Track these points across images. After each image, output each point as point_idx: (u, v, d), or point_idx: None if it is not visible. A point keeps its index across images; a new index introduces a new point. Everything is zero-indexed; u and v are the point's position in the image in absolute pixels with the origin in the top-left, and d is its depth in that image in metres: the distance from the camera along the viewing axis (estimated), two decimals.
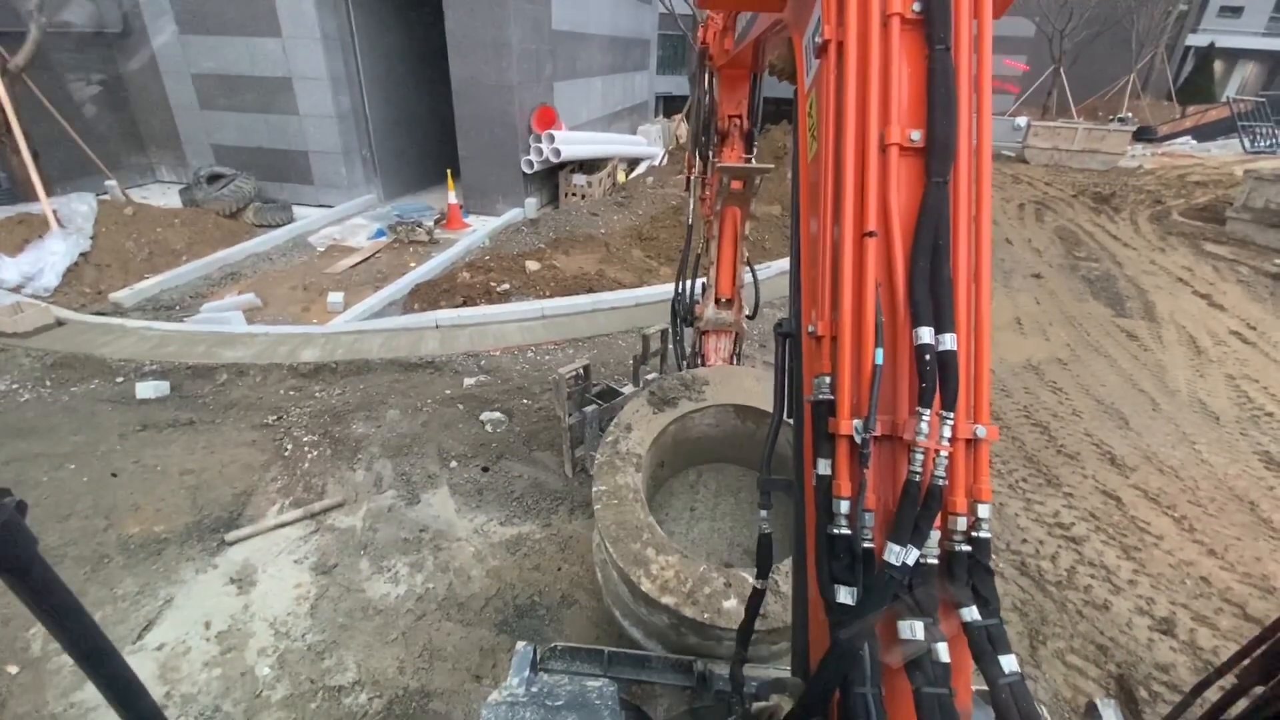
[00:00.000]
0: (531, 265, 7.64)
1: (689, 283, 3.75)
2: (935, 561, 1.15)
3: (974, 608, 1.14)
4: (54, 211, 7.09)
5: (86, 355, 5.47)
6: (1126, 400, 5.38)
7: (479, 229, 9.47)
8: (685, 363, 3.94)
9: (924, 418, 1.10)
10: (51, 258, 6.74)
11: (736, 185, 3.13)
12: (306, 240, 8.85)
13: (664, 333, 4.31)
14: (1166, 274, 8.47)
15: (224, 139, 10.09)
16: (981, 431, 1.17)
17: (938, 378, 1.12)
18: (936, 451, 1.11)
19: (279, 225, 9.05)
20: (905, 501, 1.13)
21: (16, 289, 6.49)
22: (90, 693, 2.70)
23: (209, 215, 8.63)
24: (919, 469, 1.11)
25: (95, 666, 0.91)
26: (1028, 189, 13.35)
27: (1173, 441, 4.82)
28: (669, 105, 21.24)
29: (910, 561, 1.11)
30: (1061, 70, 22.05)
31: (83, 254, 7.07)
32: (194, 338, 5.88)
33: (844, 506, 1.18)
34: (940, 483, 1.12)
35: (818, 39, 1.26)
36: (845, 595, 1.15)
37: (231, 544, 3.51)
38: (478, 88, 9.43)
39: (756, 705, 1.69)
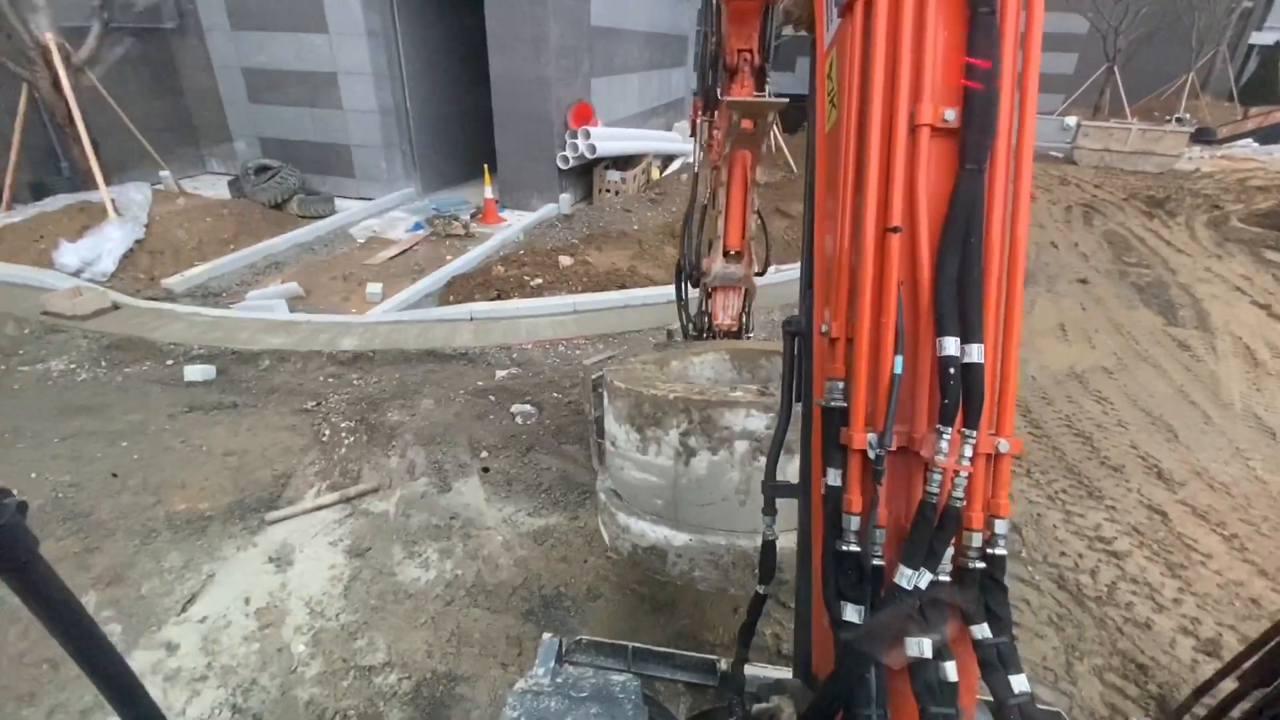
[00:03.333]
0: (565, 260, 7.70)
1: (695, 239, 3.52)
2: (947, 579, 1.10)
3: (985, 625, 1.09)
4: (112, 200, 7.42)
5: (140, 338, 5.71)
6: (1176, 412, 5.17)
7: (514, 224, 9.57)
8: (691, 325, 3.80)
9: (944, 436, 1.03)
10: (109, 244, 7.04)
11: (747, 125, 2.86)
12: (347, 232, 9.06)
13: None
14: (1223, 282, 8.10)
15: (271, 132, 10.39)
16: (1004, 446, 1.09)
17: (961, 394, 1.03)
18: (955, 472, 1.04)
19: (322, 217, 9.28)
20: (920, 523, 1.07)
21: (76, 273, 6.80)
22: (137, 659, 2.83)
23: (256, 206, 8.91)
24: (936, 490, 1.05)
25: (95, 667, 0.91)
26: (1075, 191, 12.91)
27: (1225, 457, 4.61)
28: None
29: (923, 585, 1.06)
30: (1115, 68, 21.23)
31: (138, 241, 7.36)
32: (239, 324, 6.08)
33: (854, 522, 1.12)
34: (958, 504, 1.06)
35: None
36: (852, 613, 1.11)
37: (271, 524, 3.63)
38: (516, 84, 9.52)
39: (757, 707, 1.68)
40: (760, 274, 3.54)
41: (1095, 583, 3.50)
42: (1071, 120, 17.66)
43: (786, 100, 2.92)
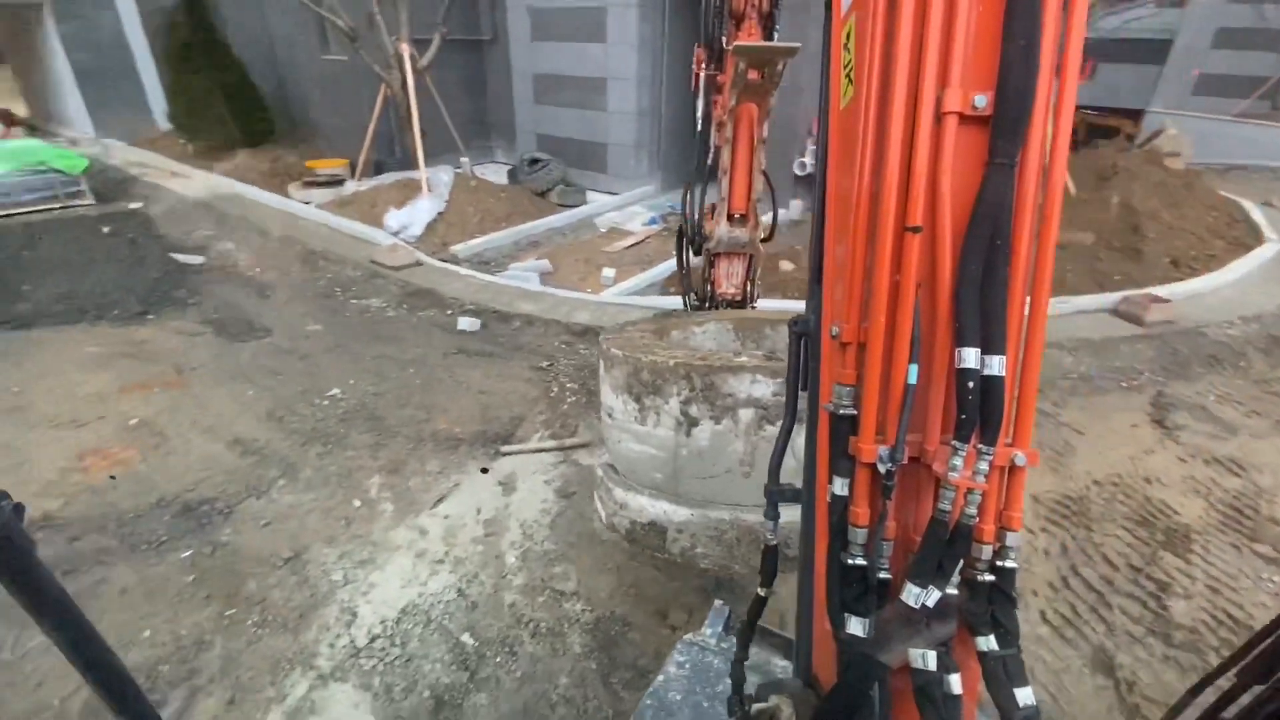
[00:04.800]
0: (785, 265, 7.72)
1: (698, 199, 3.35)
2: (954, 591, 1.07)
3: (992, 637, 1.06)
4: (426, 179, 9.23)
5: (431, 290, 7.09)
6: None
7: None
8: (693, 293, 3.59)
9: (960, 452, 0.99)
10: (420, 214, 8.81)
11: (754, 75, 2.67)
12: (592, 221, 10.12)
13: None
14: None
15: (546, 129, 11.98)
16: (1021, 459, 1.03)
17: (979, 409, 0.98)
18: (969, 489, 1.00)
19: (575, 206, 10.50)
20: (930, 540, 1.03)
21: (395, 234, 8.63)
22: (400, 534, 3.62)
23: (525, 192, 10.39)
24: (948, 507, 1.01)
25: (91, 669, 0.90)
26: None
27: None
28: None
29: (930, 603, 1.04)
30: None
31: (439, 213, 9.08)
32: (501, 289, 7.21)
33: (860, 535, 1.10)
34: (970, 522, 1.01)
35: None
36: (856, 626, 1.09)
37: (504, 455, 4.33)
38: None
39: (756, 706, 1.65)
40: (766, 239, 3.33)
41: None
42: None
43: (798, 47, 2.63)
